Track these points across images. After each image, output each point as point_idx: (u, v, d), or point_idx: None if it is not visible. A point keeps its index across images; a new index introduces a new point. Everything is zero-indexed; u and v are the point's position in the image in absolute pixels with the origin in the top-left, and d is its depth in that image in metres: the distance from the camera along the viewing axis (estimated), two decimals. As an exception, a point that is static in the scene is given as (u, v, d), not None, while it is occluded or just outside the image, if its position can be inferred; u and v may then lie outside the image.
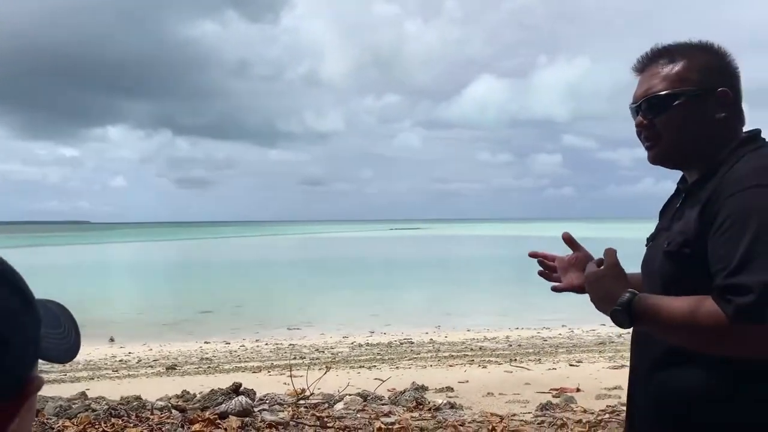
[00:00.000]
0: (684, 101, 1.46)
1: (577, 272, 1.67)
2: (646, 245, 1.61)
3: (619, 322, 1.39)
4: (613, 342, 12.32)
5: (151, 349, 12.69)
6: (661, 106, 1.48)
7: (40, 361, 0.70)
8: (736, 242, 1.26)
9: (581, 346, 11.79)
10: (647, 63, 1.55)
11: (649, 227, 1.68)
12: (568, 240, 1.68)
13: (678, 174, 1.59)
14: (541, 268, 1.80)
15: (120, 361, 11.28)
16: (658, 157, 1.53)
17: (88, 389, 7.91)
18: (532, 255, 1.81)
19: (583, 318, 16.14)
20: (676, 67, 1.49)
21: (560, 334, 13.79)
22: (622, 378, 7.58)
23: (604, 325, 14.97)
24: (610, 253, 1.47)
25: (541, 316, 16.61)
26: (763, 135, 1.50)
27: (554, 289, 1.73)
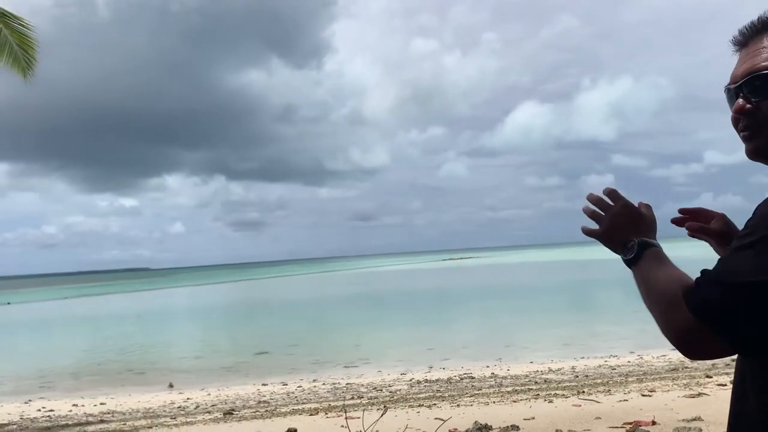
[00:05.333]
0: None
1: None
2: None
3: (625, 254, 1.31)
4: (686, 368, 11.63)
5: (209, 394, 12.64)
6: None
7: (101, 410, 0.62)
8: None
9: (652, 374, 11.16)
10: (752, 35, 1.23)
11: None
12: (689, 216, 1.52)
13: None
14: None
15: (178, 407, 11.24)
16: (760, 151, 1.21)
17: (145, 439, 7.87)
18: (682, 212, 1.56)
19: (651, 343, 15.42)
20: None
21: (629, 362, 13.12)
22: (700, 408, 7.10)
23: (675, 349, 14.21)
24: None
25: (606, 344, 15.94)
26: None
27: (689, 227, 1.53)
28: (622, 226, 1.33)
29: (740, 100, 1.21)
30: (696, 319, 1.09)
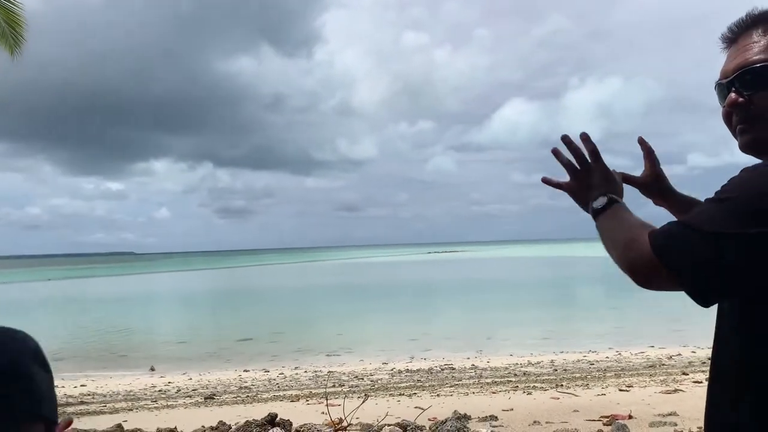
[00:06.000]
0: None
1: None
2: None
3: (594, 204, 1.37)
4: (663, 365, 11.80)
5: (190, 379, 12.65)
6: (764, 80, 1.21)
7: (81, 392, 0.83)
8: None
9: (630, 370, 11.30)
10: (742, 31, 1.26)
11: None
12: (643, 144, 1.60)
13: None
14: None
15: (159, 391, 11.24)
16: (755, 143, 1.24)
17: (125, 420, 7.86)
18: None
19: (629, 340, 15.63)
20: None
21: (607, 357, 13.28)
22: (675, 403, 7.22)
23: (653, 347, 14.44)
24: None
25: (586, 339, 16.12)
26: None
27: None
28: (597, 184, 1.40)
29: (733, 94, 1.24)
30: (653, 252, 1.15)
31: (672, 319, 18.09)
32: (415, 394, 9.22)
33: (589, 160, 1.42)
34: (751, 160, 1.25)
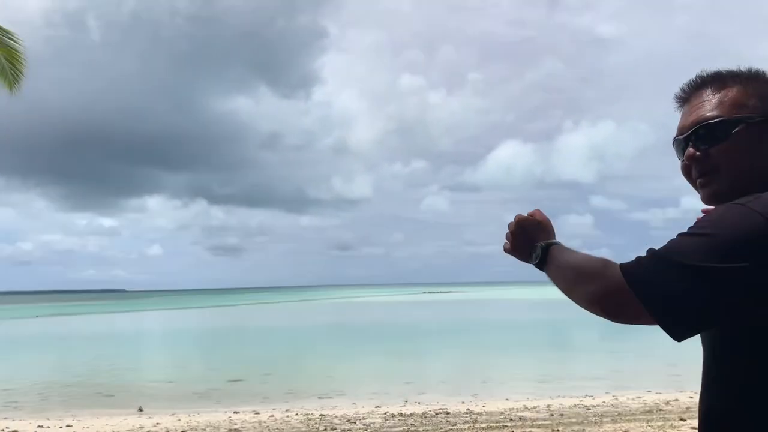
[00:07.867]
0: (744, 128, 1.26)
1: None
2: None
3: (533, 260, 1.43)
4: (661, 410, 11.63)
5: (179, 420, 12.36)
6: (718, 134, 1.27)
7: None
8: None
9: (627, 415, 11.14)
10: (693, 91, 1.36)
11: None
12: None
13: None
14: None
15: (147, 431, 10.98)
16: (715, 196, 1.29)
17: (111, 464, 7.65)
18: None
19: (627, 384, 15.47)
20: (731, 93, 1.29)
21: (604, 402, 13.09)
22: (674, 451, 7.07)
23: (650, 391, 14.26)
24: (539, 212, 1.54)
25: (582, 383, 15.93)
26: None
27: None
28: (523, 241, 1.47)
29: (690, 149, 1.32)
30: (625, 282, 1.14)
31: (668, 364, 17.93)
32: (408, 438, 9.02)
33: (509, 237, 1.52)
34: None
